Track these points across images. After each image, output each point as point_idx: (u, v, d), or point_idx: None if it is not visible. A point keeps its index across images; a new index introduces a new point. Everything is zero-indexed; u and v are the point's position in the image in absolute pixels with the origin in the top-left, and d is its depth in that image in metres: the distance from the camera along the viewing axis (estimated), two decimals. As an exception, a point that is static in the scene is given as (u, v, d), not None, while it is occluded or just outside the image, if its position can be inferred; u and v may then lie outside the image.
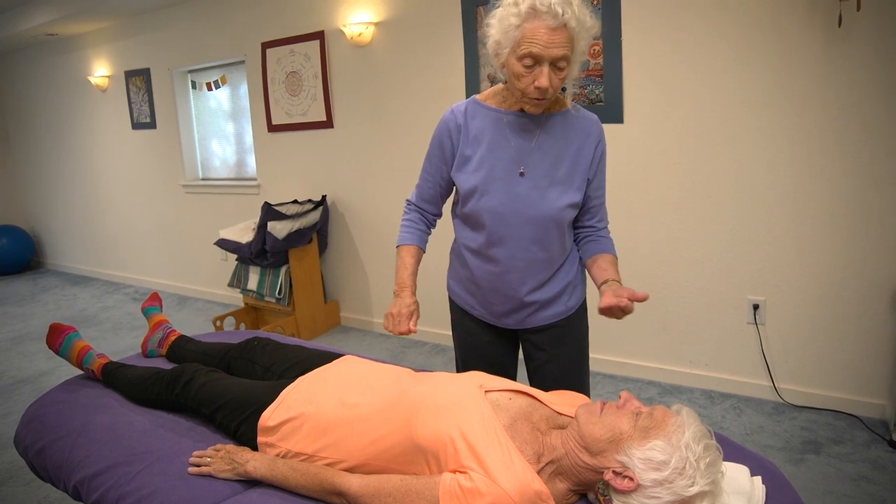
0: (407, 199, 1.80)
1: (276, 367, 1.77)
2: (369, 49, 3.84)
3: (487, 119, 1.59)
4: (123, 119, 5.57)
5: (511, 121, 1.57)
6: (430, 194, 1.74)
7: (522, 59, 1.40)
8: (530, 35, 1.37)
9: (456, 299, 1.81)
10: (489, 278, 1.65)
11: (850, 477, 2.27)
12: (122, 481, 1.44)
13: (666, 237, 3.03)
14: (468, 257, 1.69)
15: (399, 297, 1.68)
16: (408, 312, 1.65)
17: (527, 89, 1.44)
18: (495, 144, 1.57)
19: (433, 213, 1.79)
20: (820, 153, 2.62)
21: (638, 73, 2.95)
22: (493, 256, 1.61)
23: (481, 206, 1.58)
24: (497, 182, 1.56)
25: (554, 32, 1.36)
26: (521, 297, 1.64)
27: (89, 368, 1.98)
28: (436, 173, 1.69)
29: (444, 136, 1.64)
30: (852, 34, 2.47)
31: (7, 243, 6.55)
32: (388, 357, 3.73)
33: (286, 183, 4.51)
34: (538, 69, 1.40)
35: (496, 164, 1.57)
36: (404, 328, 1.64)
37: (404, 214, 1.80)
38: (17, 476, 2.57)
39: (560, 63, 1.40)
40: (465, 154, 1.61)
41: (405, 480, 1.21)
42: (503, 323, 1.71)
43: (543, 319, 1.68)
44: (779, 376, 2.87)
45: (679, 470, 1.11)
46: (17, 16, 5.34)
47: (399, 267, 1.72)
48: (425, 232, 1.79)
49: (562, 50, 1.37)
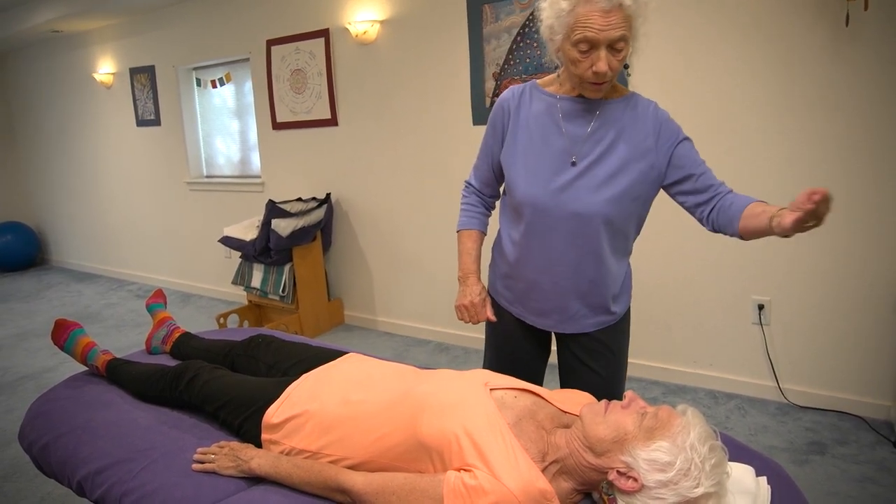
0: (465, 181, 1.75)
1: (279, 365, 1.76)
2: (374, 47, 3.84)
3: (542, 104, 1.52)
4: (128, 116, 5.58)
5: (565, 107, 1.49)
6: (486, 176, 1.69)
7: (578, 45, 1.34)
8: (584, 19, 1.30)
9: (494, 295, 1.73)
10: (529, 272, 1.58)
11: (855, 478, 2.26)
12: (126, 477, 1.44)
13: (670, 237, 3.02)
14: (508, 249, 1.62)
15: (466, 286, 1.65)
16: (480, 301, 1.64)
17: (584, 74, 1.38)
18: (546, 131, 1.50)
19: (490, 195, 1.74)
20: (826, 153, 2.61)
21: (643, 73, 2.94)
22: (534, 248, 1.54)
23: (523, 198, 1.51)
24: (543, 172, 1.49)
25: (608, 15, 1.29)
26: (560, 296, 1.57)
27: (94, 365, 1.98)
28: (490, 155, 1.64)
29: (497, 118, 1.59)
30: (860, 34, 2.45)
31: (12, 240, 6.57)
32: (391, 355, 3.72)
33: (290, 181, 4.51)
34: (595, 53, 1.33)
35: (544, 153, 1.49)
36: (483, 317, 1.63)
37: (463, 198, 1.75)
38: (22, 472, 2.58)
39: (618, 45, 1.33)
40: (514, 140, 1.54)
41: (409, 478, 1.21)
42: (541, 323, 1.64)
43: (585, 327, 1.60)
44: (783, 377, 2.86)
45: (684, 471, 1.10)
46: (23, 13, 5.35)
47: (461, 252, 1.69)
48: (485, 214, 1.74)
49: (618, 31, 1.31)
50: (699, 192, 1.47)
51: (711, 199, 1.45)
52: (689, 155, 1.48)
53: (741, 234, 1.40)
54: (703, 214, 1.47)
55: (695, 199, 1.48)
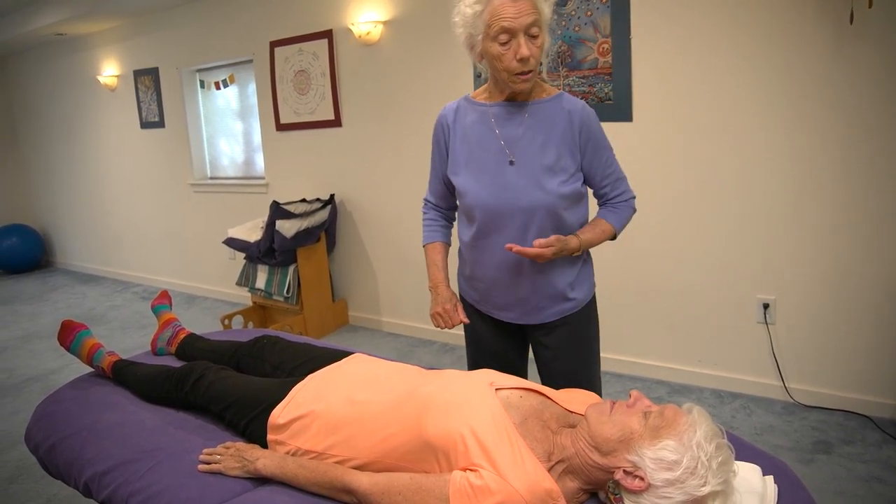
0: (424, 198, 1.86)
1: (285, 365, 1.77)
2: (377, 48, 3.84)
3: (476, 114, 1.63)
4: (132, 118, 5.59)
5: (497, 112, 1.60)
6: (439, 190, 1.79)
7: (497, 37, 1.45)
8: (497, 13, 1.43)
9: (465, 296, 1.82)
10: (485, 271, 1.68)
11: (862, 477, 2.26)
12: (132, 478, 1.45)
13: (675, 235, 3.02)
14: (465, 252, 1.74)
15: (437, 294, 1.75)
16: (452, 307, 1.73)
17: (510, 66, 1.47)
18: (483, 138, 1.61)
19: (447, 207, 1.84)
20: (829, 152, 2.60)
21: (646, 73, 2.93)
22: (486, 248, 1.64)
23: (473, 202, 1.62)
24: (486, 175, 1.60)
25: (517, 3, 1.42)
26: (518, 289, 1.65)
27: (99, 366, 1.99)
28: (438, 171, 1.76)
29: (438, 135, 1.71)
30: (864, 32, 2.44)
31: (17, 242, 6.59)
32: (396, 355, 3.72)
33: (294, 182, 4.52)
34: (514, 42, 1.44)
35: (484, 158, 1.60)
36: (456, 321, 1.71)
37: (423, 214, 1.85)
38: (28, 473, 2.59)
39: (532, 30, 1.44)
40: (455, 153, 1.66)
41: (415, 478, 1.21)
42: (506, 317, 1.73)
43: (548, 316, 1.69)
44: (789, 376, 2.85)
45: (691, 470, 1.10)
46: (27, 16, 5.37)
47: (429, 265, 1.80)
48: (446, 227, 1.85)
49: (531, 16, 1.43)
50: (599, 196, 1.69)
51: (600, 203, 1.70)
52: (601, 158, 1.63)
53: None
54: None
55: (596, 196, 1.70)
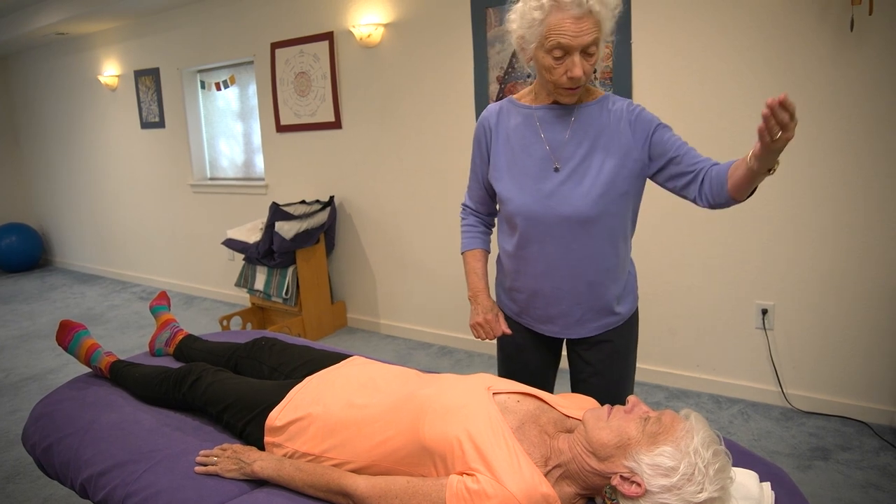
0: (462, 203, 1.80)
1: (283, 368, 1.77)
2: (378, 50, 3.85)
3: (520, 117, 1.56)
4: (132, 118, 5.60)
5: (542, 115, 1.53)
6: (479, 195, 1.73)
7: (552, 52, 1.37)
8: (557, 27, 1.34)
9: (501, 306, 1.75)
10: (527, 281, 1.60)
11: (859, 484, 2.26)
12: (128, 480, 1.45)
13: (674, 240, 3.02)
14: (505, 261, 1.66)
15: (477, 304, 1.68)
16: (494, 317, 1.66)
17: (559, 80, 1.41)
18: (527, 142, 1.54)
19: (487, 213, 1.78)
20: (828, 157, 2.60)
21: (647, 77, 2.94)
22: (528, 258, 1.56)
23: (514, 209, 1.54)
24: (528, 181, 1.52)
25: (580, 21, 1.33)
26: (561, 302, 1.58)
27: (97, 366, 1.99)
28: (479, 174, 1.68)
29: (480, 137, 1.64)
30: (864, 38, 2.45)
31: (16, 241, 6.59)
32: (394, 358, 3.72)
33: (294, 183, 4.52)
34: (569, 59, 1.37)
35: (528, 164, 1.53)
36: (498, 332, 1.65)
37: (462, 220, 1.79)
38: (25, 473, 2.58)
39: (590, 49, 1.37)
40: (497, 157, 1.59)
41: (412, 482, 1.21)
42: (547, 330, 1.65)
43: (591, 330, 1.61)
44: (787, 382, 2.86)
45: (688, 476, 1.10)
46: (28, 15, 5.37)
47: (468, 273, 1.72)
48: (485, 233, 1.78)
49: (591, 36, 1.35)
50: (686, 173, 1.45)
51: (698, 175, 1.43)
52: (668, 139, 1.47)
53: (732, 194, 1.36)
54: (696, 193, 1.44)
55: (683, 180, 1.46)
